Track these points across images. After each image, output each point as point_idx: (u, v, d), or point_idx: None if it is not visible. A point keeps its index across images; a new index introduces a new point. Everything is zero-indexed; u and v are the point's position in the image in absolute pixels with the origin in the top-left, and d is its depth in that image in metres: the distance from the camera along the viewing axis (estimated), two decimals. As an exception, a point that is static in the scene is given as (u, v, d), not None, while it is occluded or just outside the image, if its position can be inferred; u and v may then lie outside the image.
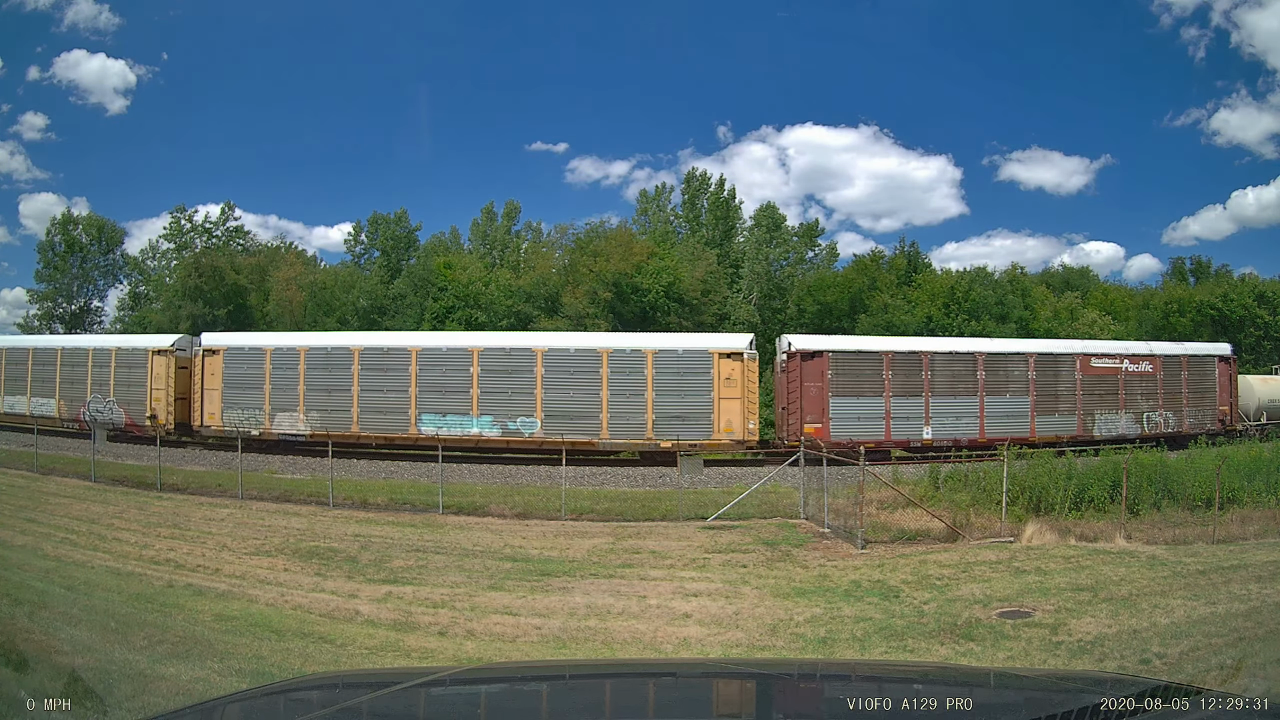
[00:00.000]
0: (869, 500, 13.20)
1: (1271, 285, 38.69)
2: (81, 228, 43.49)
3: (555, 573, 10.33)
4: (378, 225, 42.47)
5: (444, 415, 21.25)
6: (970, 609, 8.43)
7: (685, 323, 32.11)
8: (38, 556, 10.61)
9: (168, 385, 23.65)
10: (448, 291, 33.79)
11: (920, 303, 34.62)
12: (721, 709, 2.58)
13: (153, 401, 23.73)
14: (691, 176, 42.57)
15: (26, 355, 26.28)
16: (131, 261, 43.92)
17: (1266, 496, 13.75)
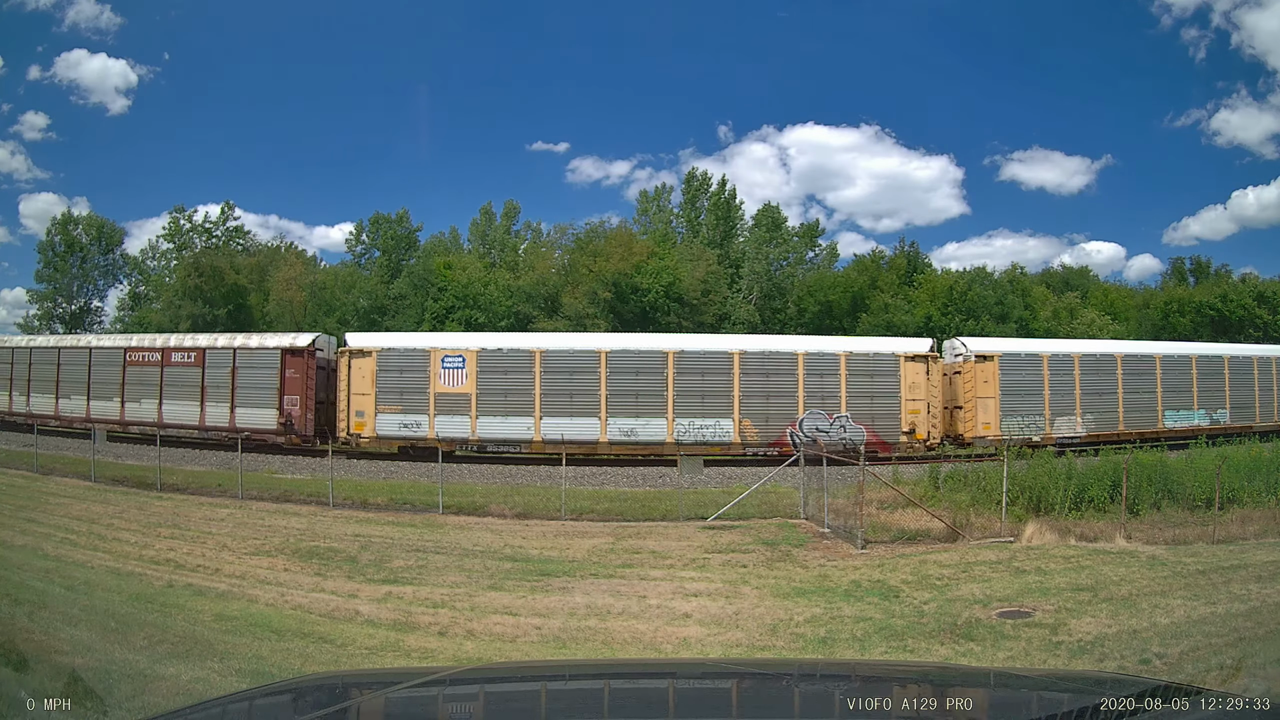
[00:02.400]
0: (869, 500, 13.20)
1: (1271, 285, 38.74)
2: (81, 228, 43.50)
3: (555, 573, 10.33)
4: (379, 225, 42.49)
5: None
6: (970, 609, 8.42)
7: (685, 323, 32.12)
8: (38, 556, 10.61)
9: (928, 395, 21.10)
10: (447, 291, 33.80)
11: (920, 302, 34.66)
12: (721, 709, 2.58)
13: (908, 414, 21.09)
14: (691, 177, 42.64)
15: None
16: (131, 261, 43.95)
17: (1266, 496, 13.76)
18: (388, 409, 20.88)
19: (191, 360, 22.98)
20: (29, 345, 27.21)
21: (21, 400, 25.80)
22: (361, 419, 20.90)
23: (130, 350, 24.22)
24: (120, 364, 23.93)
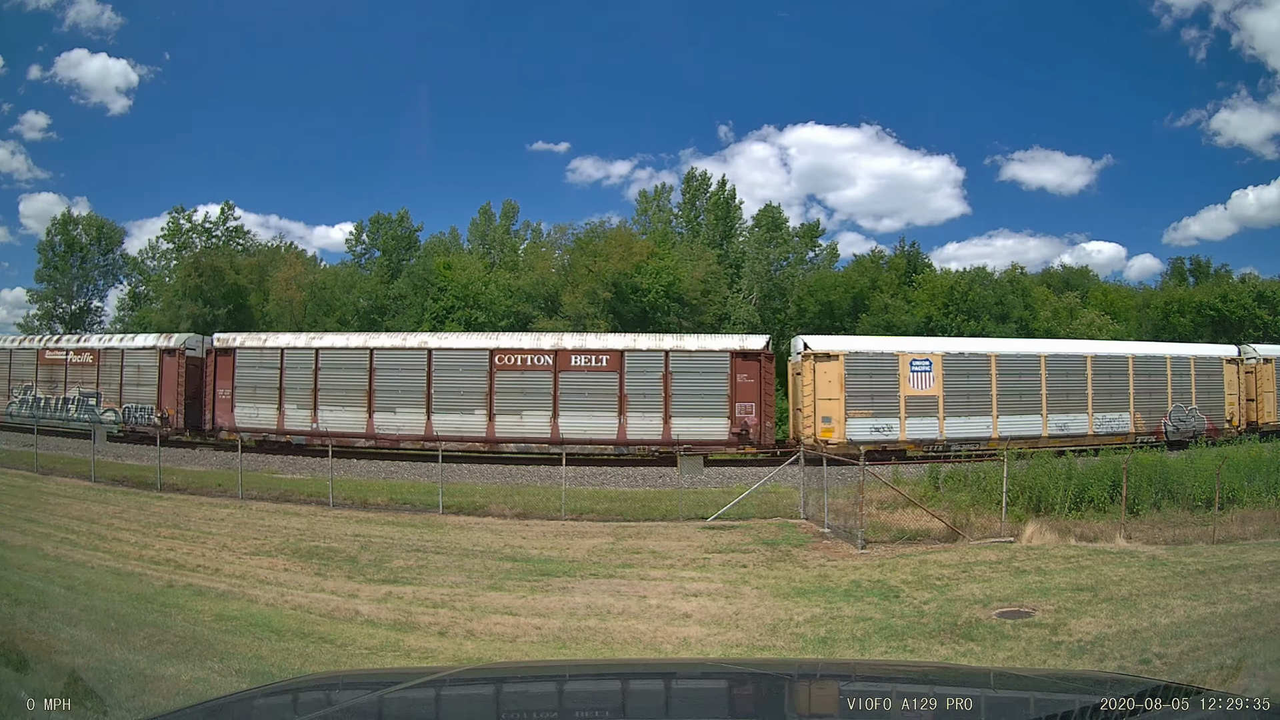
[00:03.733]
0: (869, 500, 13.21)
1: (1271, 285, 38.72)
2: (81, 228, 43.45)
3: (555, 573, 10.33)
4: (379, 225, 42.47)
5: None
6: (970, 609, 8.42)
7: (685, 323, 32.08)
8: (38, 556, 10.61)
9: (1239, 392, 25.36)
10: (447, 291, 33.78)
11: (920, 303, 34.64)
12: (721, 709, 2.58)
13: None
14: (691, 177, 42.59)
15: None
16: (131, 261, 43.91)
17: (1266, 496, 13.76)
18: (858, 414, 20.63)
19: (603, 365, 20.78)
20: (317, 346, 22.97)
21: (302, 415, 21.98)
22: (829, 424, 20.35)
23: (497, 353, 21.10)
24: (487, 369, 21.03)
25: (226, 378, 22.88)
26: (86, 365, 25.21)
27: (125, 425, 24.01)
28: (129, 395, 24.44)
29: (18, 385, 26.61)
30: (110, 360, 24.85)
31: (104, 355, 25.01)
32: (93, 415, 24.80)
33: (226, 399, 22.79)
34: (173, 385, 23.76)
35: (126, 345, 25.15)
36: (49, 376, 25.94)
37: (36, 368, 26.19)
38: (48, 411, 25.65)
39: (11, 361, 26.95)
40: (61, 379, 25.67)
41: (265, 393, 22.55)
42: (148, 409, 24.03)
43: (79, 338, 27.34)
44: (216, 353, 23.18)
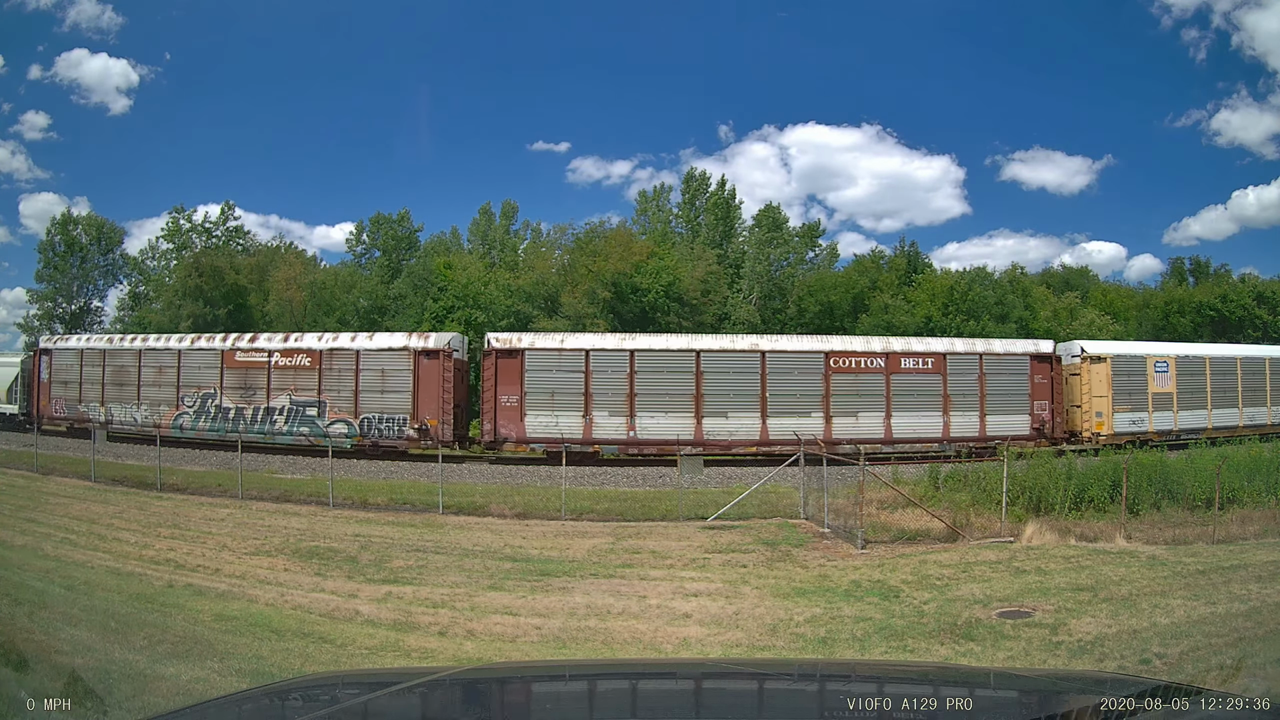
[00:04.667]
0: (869, 500, 13.21)
1: (1271, 285, 38.74)
2: (81, 228, 43.44)
3: (555, 573, 10.33)
4: (380, 225, 42.48)
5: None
6: (970, 609, 8.42)
7: (685, 323, 32.07)
8: (38, 556, 10.61)
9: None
10: (447, 291, 33.77)
11: (920, 303, 34.64)
12: (721, 709, 2.58)
13: None
14: (690, 177, 42.60)
15: None
16: (131, 261, 43.90)
17: (1266, 496, 13.76)
18: (1120, 409, 23.26)
19: (929, 367, 21.47)
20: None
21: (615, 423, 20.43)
22: (1100, 419, 22.83)
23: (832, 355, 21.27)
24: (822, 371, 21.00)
25: (513, 383, 20.37)
26: (303, 369, 21.94)
27: (363, 438, 20.97)
28: (369, 404, 21.28)
29: (192, 393, 23.18)
30: (340, 363, 21.62)
31: (329, 357, 21.69)
32: (314, 428, 21.52)
33: (513, 407, 20.33)
34: (435, 391, 20.74)
35: (364, 346, 21.77)
36: (242, 382, 22.54)
37: (222, 372, 22.79)
38: (240, 424, 22.20)
39: (182, 365, 23.56)
40: (262, 385, 22.29)
41: (567, 399, 20.46)
42: (398, 419, 20.97)
43: (288, 337, 23.70)
44: (498, 354, 20.61)
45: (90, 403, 24.96)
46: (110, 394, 24.65)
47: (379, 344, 21.85)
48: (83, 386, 25.19)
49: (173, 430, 22.81)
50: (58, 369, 25.73)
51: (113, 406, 24.57)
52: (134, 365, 24.39)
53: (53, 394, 25.68)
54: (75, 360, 25.46)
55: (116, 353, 24.92)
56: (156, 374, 24.02)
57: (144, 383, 24.15)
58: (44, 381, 25.88)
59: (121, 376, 24.58)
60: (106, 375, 24.74)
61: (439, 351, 21.14)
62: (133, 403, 24.26)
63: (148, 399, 24.00)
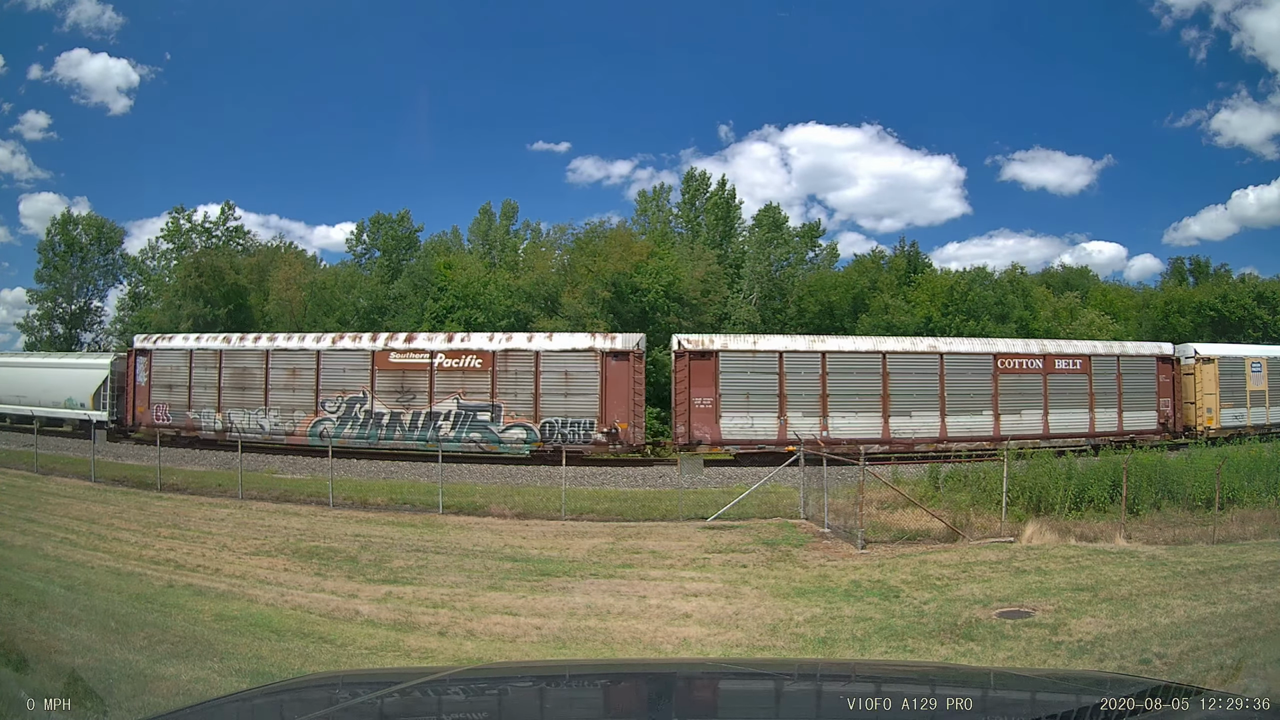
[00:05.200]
0: (869, 500, 13.21)
1: (1271, 285, 38.73)
2: (81, 228, 43.47)
3: (555, 573, 10.33)
4: (379, 225, 42.49)
5: None
6: (970, 609, 8.42)
7: (685, 323, 32.06)
8: (38, 556, 10.61)
9: None
10: (447, 291, 33.76)
11: (920, 303, 34.63)
12: (721, 709, 2.58)
13: None
14: (690, 177, 42.58)
15: None
16: (131, 261, 43.91)
17: (1266, 496, 13.77)
18: (1225, 405, 24.86)
19: (1078, 368, 22.88)
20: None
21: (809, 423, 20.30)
22: (1210, 414, 24.47)
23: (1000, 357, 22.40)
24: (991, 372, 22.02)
25: (707, 385, 20.27)
26: (473, 371, 20.85)
27: (544, 444, 20.16)
28: (550, 407, 20.51)
29: (334, 397, 21.60)
30: (516, 364, 20.79)
31: (504, 358, 20.87)
32: (486, 433, 20.61)
33: (708, 409, 20.19)
34: (625, 394, 20.22)
35: (545, 346, 21.04)
36: (397, 385, 21.29)
37: (373, 374, 21.41)
38: (396, 430, 21.02)
39: (322, 366, 21.90)
40: (423, 388, 21.07)
41: (761, 400, 20.52)
42: (584, 423, 20.31)
43: (451, 337, 22.48)
44: (690, 356, 20.41)
45: (203, 409, 23.12)
46: (230, 399, 22.70)
47: (561, 344, 21.25)
48: (193, 391, 23.23)
49: (310, 438, 21.48)
50: (159, 371, 23.80)
51: (232, 413, 22.60)
52: (259, 367, 22.48)
53: (153, 399, 23.68)
54: (182, 361, 23.52)
55: (238, 353, 22.99)
56: (289, 376, 22.21)
57: (272, 386, 22.28)
58: (141, 385, 23.89)
59: (244, 380, 22.68)
60: (225, 378, 22.85)
61: (628, 353, 20.73)
62: (258, 409, 22.35)
63: (277, 404, 22.19)
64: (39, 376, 27.03)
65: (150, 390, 23.83)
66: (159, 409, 23.72)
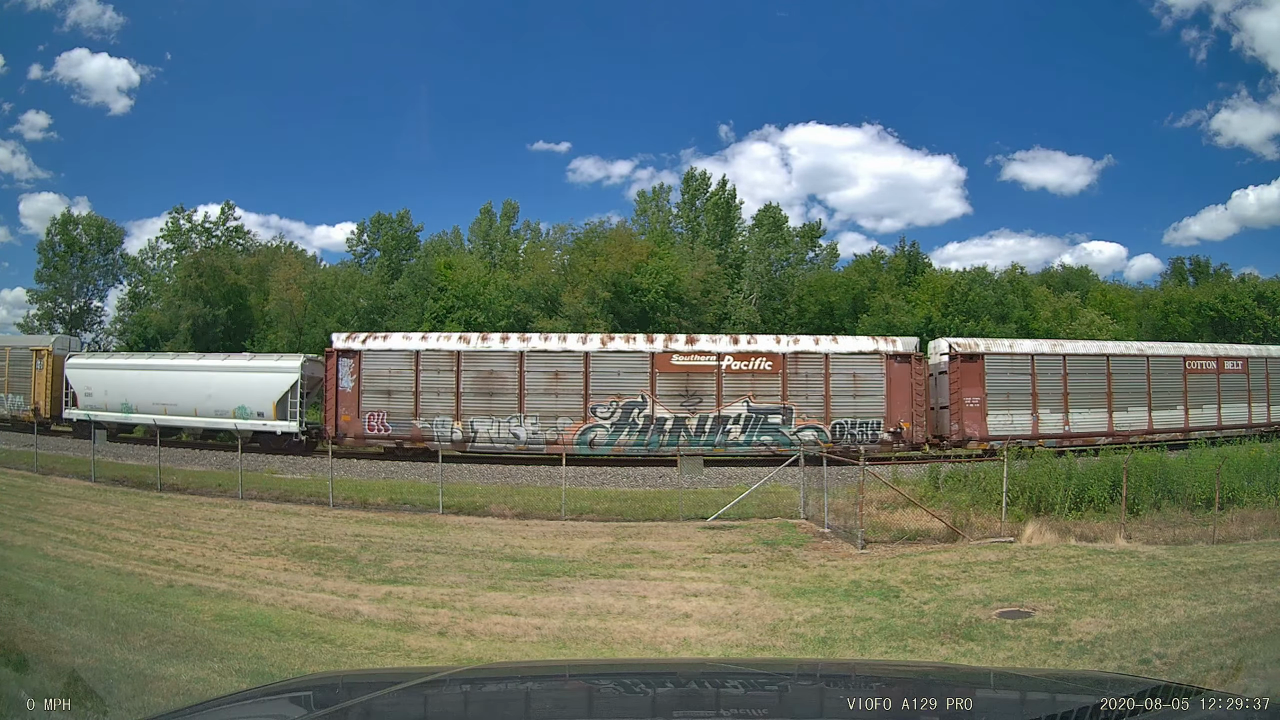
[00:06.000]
0: (869, 500, 13.20)
1: (1271, 285, 38.74)
2: (81, 228, 43.43)
3: (555, 573, 10.33)
4: (380, 225, 42.49)
5: None
6: (970, 609, 8.42)
7: (685, 322, 32.08)
8: (38, 556, 10.61)
9: None
10: (447, 291, 33.79)
11: (920, 303, 34.65)
12: (721, 709, 2.58)
13: None
14: (690, 177, 42.61)
15: None
16: (131, 261, 43.90)
17: (1266, 496, 13.75)
18: None
19: (1240, 368, 25.39)
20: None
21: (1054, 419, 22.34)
22: None
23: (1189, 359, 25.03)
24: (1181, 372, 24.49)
25: (975, 385, 21.64)
26: (762, 373, 20.69)
27: (834, 444, 19.98)
28: (840, 409, 20.77)
29: (607, 402, 20.58)
30: (806, 366, 20.83)
31: (794, 360, 20.84)
32: (778, 436, 20.43)
33: (976, 408, 21.53)
34: (907, 395, 20.92)
35: (832, 349, 21.24)
36: (681, 388, 20.62)
37: (653, 377, 20.52)
38: (681, 435, 20.37)
39: (591, 369, 20.69)
40: (710, 391, 20.52)
41: (1019, 399, 22.12)
42: (871, 424, 20.71)
43: (736, 339, 22.30)
44: (961, 358, 21.76)
45: (436, 416, 20.82)
46: (471, 405, 20.72)
47: (847, 348, 21.55)
48: (421, 397, 20.88)
49: (577, 446, 20.20)
50: (371, 375, 21.23)
51: (475, 420, 20.69)
52: (512, 370, 20.82)
53: (364, 406, 21.08)
54: (406, 364, 21.11)
55: (483, 354, 21.05)
56: (551, 380, 20.80)
57: (529, 391, 20.72)
58: (346, 390, 21.11)
59: (493, 384, 20.83)
60: (463, 383, 20.83)
61: (909, 355, 21.38)
62: (511, 415, 20.71)
63: (536, 410, 20.68)
64: (194, 381, 23.32)
65: (360, 397, 21.12)
66: (373, 417, 21.13)
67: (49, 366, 25.91)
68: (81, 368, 25.27)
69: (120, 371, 24.70)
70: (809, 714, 2.54)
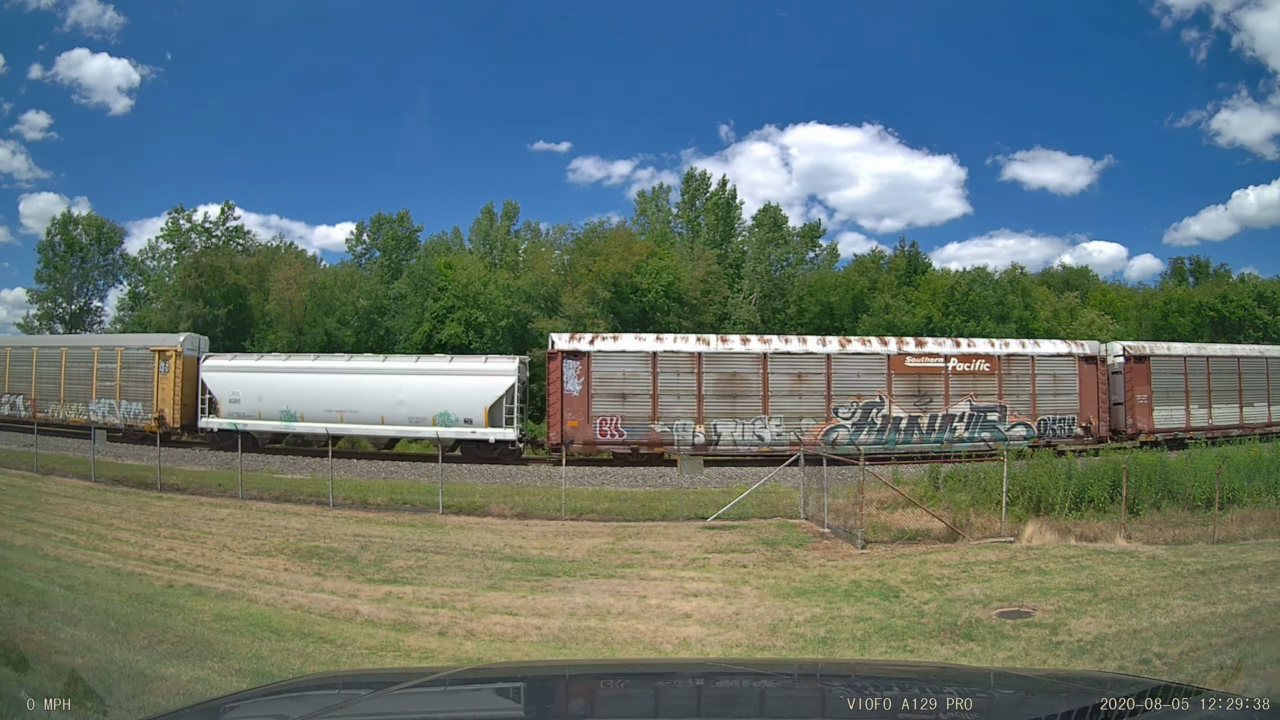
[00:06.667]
0: (869, 500, 13.20)
1: (1271, 285, 38.72)
2: (81, 228, 43.42)
3: (555, 573, 10.33)
4: (380, 225, 42.47)
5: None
6: (970, 609, 8.42)
7: (685, 322, 32.07)
8: (38, 556, 10.61)
9: None
10: (447, 291, 33.77)
11: (920, 303, 34.62)
12: (721, 709, 2.58)
13: None
14: (690, 177, 42.55)
15: None
16: (131, 261, 43.89)
17: (1266, 496, 13.76)
18: None
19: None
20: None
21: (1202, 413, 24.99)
22: None
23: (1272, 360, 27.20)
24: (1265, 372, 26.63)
25: (1144, 383, 24.00)
26: (982, 374, 22.00)
27: (1039, 440, 21.99)
28: (1044, 406, 22.39)
29: (848, 403, 21.22)
30: (1017, 368, 22.39)
31: (1007, 362, 22.35)
32: (995, 432, 21.89)
33: (1145, 404, 23.95)
34: (1093, 393, 23.00)
35: (1037, 351, 23.01)
36: (914, 389, 21.51)
37: (889, 379, 21.34)
38: (915, 434, 21.38)
39: (833, 371, 21.32)
40: (939, 392, 21.58)
41: (1175, 396, 24.67)
42: (1067, 420, 22.64)
43: (958, 342, 23.80)
44: (1134, 360, 24.04)
45: (677, 420, 20.67)
46: (714, 408, 20.80)
47: (1048, 350, 23.37)
48: (658, 400, 20.70)
49: (822, 446, 19.83)
50: (602, 377, 20.60)
51: (718, 423, 20.71)
52: (755, 372, 20.91)
53: (594, 410, 20.47)
54: (642, 365, 20.73)
55: (724, 357, 21.05)
56: (795, 382, 21.13)
57: (774, 393, 20.94)
58: (573, 394, 20.49)
59: (735, 386, 20.92)
60: (705, 385, 20.77)
61: (1095, 357, 23.48)
62: (755, 417, 20.83)
63: (780, 412, 20.90)
64: (381, 386, 21.62)
65: (590, 400, 20.56)
66: (604, 422, 20.54)
67: (177, 369, 23.38)
68: (224, 370, 22.87)
69: (279, 375, 22.40)
70: (809, 714, 2.53)
